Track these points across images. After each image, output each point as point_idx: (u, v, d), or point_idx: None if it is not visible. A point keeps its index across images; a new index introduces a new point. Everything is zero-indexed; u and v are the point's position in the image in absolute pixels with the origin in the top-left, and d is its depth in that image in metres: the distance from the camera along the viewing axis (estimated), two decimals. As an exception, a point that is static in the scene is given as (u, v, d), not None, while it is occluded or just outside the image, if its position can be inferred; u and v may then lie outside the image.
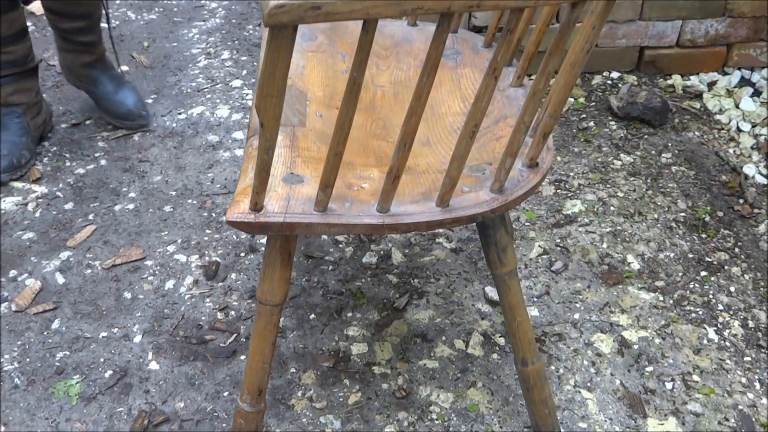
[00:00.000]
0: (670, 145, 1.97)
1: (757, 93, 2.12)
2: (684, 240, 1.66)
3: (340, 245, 1.63)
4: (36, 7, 2.49)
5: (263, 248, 1.62)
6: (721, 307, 1.51)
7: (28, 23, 2.34)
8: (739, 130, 2.01)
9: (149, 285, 1.52)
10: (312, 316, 1.46)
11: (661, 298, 1.52)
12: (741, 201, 1.77)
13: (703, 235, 1.67)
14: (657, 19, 2.11)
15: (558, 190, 1.80)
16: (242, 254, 1.60)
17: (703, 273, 1.58)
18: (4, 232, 1.65)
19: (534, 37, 1.13)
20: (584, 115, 2.07)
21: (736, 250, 1.64)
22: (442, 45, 0.81)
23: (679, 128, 2.02)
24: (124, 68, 2.26)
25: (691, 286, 1.55)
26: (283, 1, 0.72)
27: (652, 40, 2.16)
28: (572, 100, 2.12)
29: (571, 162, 1.90)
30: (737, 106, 2.09)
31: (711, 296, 1.53)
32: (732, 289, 1.55)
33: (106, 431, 1.25)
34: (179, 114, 2.06)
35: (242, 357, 1.38)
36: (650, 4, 2.08)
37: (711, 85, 2.18)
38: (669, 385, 1.34)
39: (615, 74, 2.21)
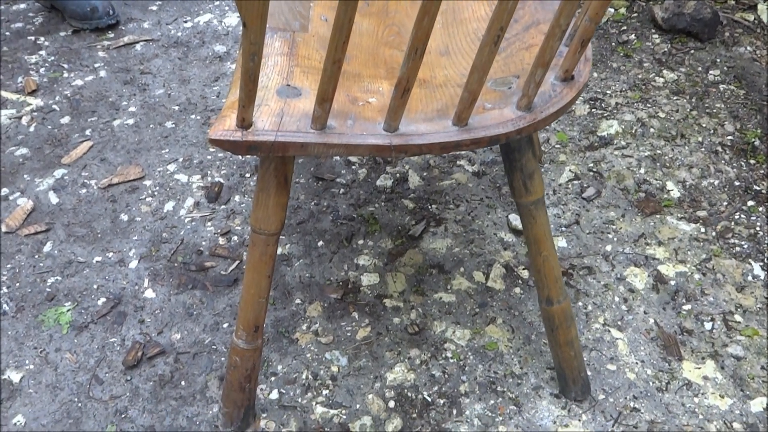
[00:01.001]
0: (718, 61, 1.79)
1: (819, 3, 1.91)
2: (730, 166, 1.51)
3: (353, 167, 1.51)
4: None
5: (270, 169, 1.50)
6: (768, 240, 1.37)
7: None
8: (797, 44, 1.82)
9: (147, 206, 1.42)
10: (320, 243, 1.35)
11: (703, 230, 1.38)
12: (796, 124, 1.60)
13: (752, 161, 1.52)
14: None
15: (593, 110, 1.65)
16: (247, 175, 1.49)
17: (751, 203, 1.44)
18: (-4, 147, 1.55)
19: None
20: (625, 28, 1.89)
21: (789, 178, 1.49)
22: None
23: (729, 43, 1.84)
24: (128, -28, 2.11)
25: (737, 216, 1.41)
26: None
27: (704, -58, 1.94)
28: (612, 10, 1.93)
29: (609, 79, 1.73)
30: (796, 18, 1.88)
31: (758, 228, 1.39)
32: (782, 221, 1.41)
33: (98, 362, 1.17)
34: (185, 22, 1.91)
35: (244, 286, 1.28)
36: None
37: (767, -6, 1.97)
38: (708, 326, 1.23)
39: (661, -19, 2.01)
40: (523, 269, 1.31)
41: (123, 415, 1.10)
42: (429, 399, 1.12)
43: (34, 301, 1.26)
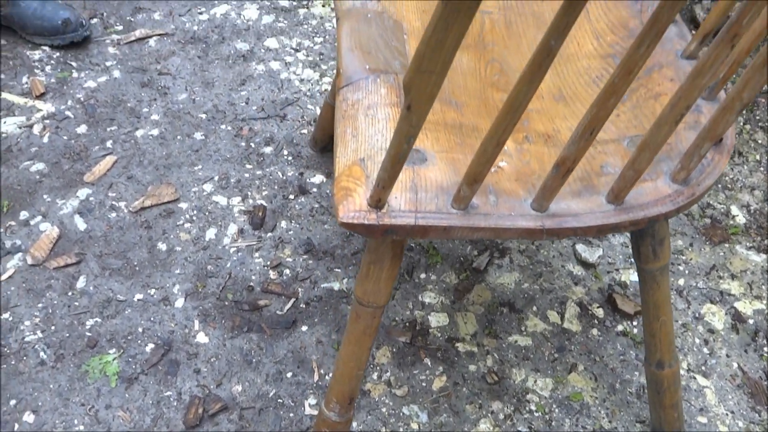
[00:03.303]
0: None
1: None
2: (791, 187, 1.46)
3: (404, 187, 1.41)
4: None
5: (314, 189, 1.39)
6: (840, 272, 1.33)
7: None
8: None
9: (187, 234, 1.30)
10: (379, 276, 1.26)
11: (774, 261, 1.33)
12: None
13: (813, 183, 1.47)
14: None
15: (646, 123, 1.57)
16: (291, 197, 1.38)
17: (817, 230, 1.39)
18: (8, 161, 1.40)
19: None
20: (667, 29, 1.80)
21: None
22: (678, 6, 0.56)
23: (774, 48, 1.77)
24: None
25: (805, 245, 1.36)
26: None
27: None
28: (652, 9, 1.85)
29: (658, 88, 1.65)
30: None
31: (827, 258, 1.35)
32: None
33: (155, 422, 1.07)
34: (200, 14, 1.76)
35: (303, 328, 1.19)
36: None
37: (807, -5, 1.91)
38: (792, 370, 1.18)
39: (699, -21, 1.93)
40: (597, 307, 1.24)
41: (190, 484, 1.01)
42: (519, 460, 1.05)
43: (74, 348, 1.14)
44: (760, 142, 1.55)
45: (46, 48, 1.64)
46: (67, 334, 1.16)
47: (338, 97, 0.85)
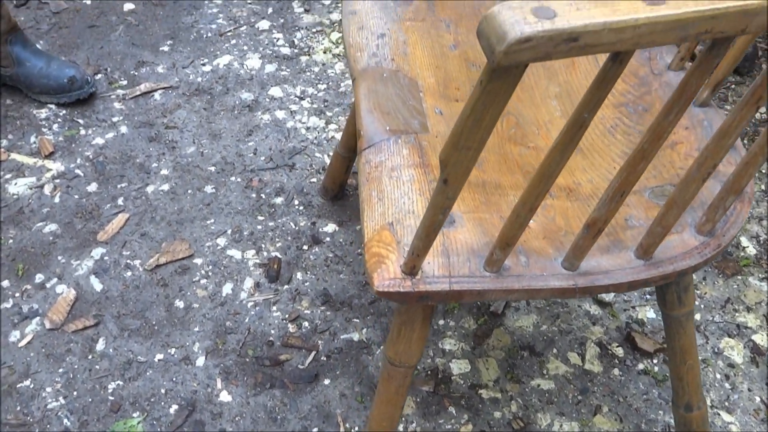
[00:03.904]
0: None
1: None
2: (797, 215, 1.48)
3: (416, 232, 1.42)
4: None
5: (327, 239, 1.40)
6: None
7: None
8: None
9: (203, 290, 1.31)
10: (398, 325, 1.26)
11: (787, 291, 1.34)
12: None
13: (819, 210, 1.49)
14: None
15: (651, 157, 1.59)
16: (305, 247, 1.38)
17: (827, 257, 1.40)
18: (20, 223, 1.40)
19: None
20: (664, 62, 1.83)
21: None
22: (707, 74, 0.58)
23: (770, 76, 1.80)
24: (130, 6, 1.95)
25: (816, 273, 1.38)
26: (528, 33, 0.48)
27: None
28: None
29: (659, 121, 1.67)
30: (833, 49, 1.86)
31: (839, 286, 1.36)
32: None
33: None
34: (203, 65, 1.78)
35: (326, 381, 1.18)
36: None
37: (798, 22, 1.94)
38: (814, 402, 1.19)
39: (691, 10, 1.96)
40: (617, 346, 1.25)
41: None
42: (550, 508, 1.05)
43: (97, 414, 1.13)
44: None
45: (52, 106, 1.65)
46: (90, 399, 1.15)
47: (360, 159, 0.86)
